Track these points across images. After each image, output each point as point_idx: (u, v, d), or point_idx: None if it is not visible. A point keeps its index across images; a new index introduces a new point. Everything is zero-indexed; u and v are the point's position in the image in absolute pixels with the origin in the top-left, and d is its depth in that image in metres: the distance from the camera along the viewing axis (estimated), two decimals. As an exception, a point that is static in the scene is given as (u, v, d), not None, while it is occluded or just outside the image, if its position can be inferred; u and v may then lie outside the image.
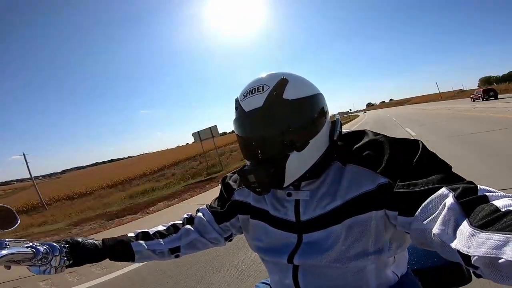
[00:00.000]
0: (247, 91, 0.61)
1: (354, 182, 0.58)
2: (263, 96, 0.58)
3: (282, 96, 0.58)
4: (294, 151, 0.58)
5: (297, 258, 0.61)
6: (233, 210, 0.78)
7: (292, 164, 0.58)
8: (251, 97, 0.59)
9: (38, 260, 0.58)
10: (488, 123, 8.76)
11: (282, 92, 0.58)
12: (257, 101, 0.58)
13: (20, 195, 32.97)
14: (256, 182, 0.59)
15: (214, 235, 0.80)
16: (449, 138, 7.25)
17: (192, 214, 0.84)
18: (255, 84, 0.61)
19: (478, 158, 4.63)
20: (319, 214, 0.60)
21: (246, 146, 0.63)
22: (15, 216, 0.69)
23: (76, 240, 0.66)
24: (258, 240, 0.70)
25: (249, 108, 0.59)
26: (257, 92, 0.59)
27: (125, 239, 0.74)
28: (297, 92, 0.59)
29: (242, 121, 0.62)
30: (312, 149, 0.59)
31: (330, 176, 0.62)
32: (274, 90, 0.58)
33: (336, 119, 0.66)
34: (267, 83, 0.59)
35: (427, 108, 32.98)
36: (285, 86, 0.58)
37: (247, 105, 0.60)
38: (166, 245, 0.77)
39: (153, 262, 2.73)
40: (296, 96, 0.58)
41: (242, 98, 0.61)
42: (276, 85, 0.59)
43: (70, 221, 8.11)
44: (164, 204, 7.18)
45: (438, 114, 18.06)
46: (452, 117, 13.89)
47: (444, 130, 9.38)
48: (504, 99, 22.88)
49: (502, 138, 5.94)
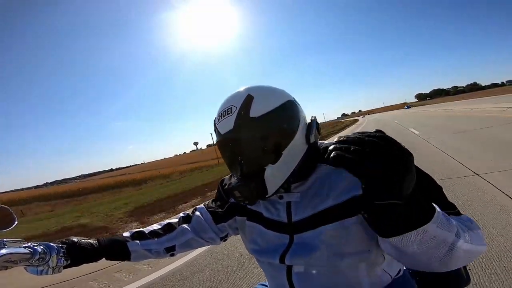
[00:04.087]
0: (220, 113, 0.63)
1: (344, 185, 0.59)
2: (232, 119, 0.60)
3: (248, 115, 0.59)
4: (269, 164, 0.60)
5: (288, 258, 0.63)
6: (231, 212, 0.79)
7: (270, 176, 0.60)
8: (223, 120, 0.62)
9: (36, 261, 0.58)
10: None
11: (249, 111, 0.59)
12: (228, 124, 0.61)
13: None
14: (241, 197, 0.62)
15: (210, 234, 0.81)
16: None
17: (189, 213, 0.84)
18: (225, 105, 0.63)
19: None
20: (310, 214, 0.62)
21: (228, 164, 0.67)
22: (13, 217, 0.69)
23: (72, 240, 0.66)
24: (253, 243, 0.72)
25: (223, 131, 0.62)
26: (227, 114, 0.61)
27: (121, 239, 0.74)
28: (262, 107, 0.60)
29: (220, 143, 0.66)
30: (287, 157, 0.61)
31: (320, 178, 0.63)
32: (241, 110, 0.60)
33: (312, 120, 0.67)
34: (235, 104, 0.61)
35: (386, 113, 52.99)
36: (250, 104, 0.60)
37: (221, 128, 0.62)
38: (162, 245, 0.78)
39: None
40: (262, 112, 0.60)
41: (217, 121, 0.64)
42: (242, 104, 0.60)
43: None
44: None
45: (392, 114, 41.69)
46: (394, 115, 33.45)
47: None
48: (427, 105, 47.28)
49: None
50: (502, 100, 18.42)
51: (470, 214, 2.55)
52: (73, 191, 23.57)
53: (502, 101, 16.11)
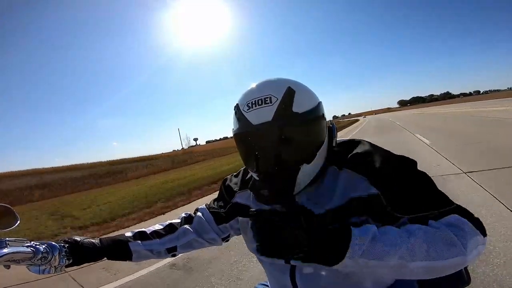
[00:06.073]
0: (252, 102, 0.57)
1: (349, 186, 0.59)
2: (272, 109, 0.55)
3: (291, 109, 0.56)
4: (305, 163, 0.57)
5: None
6: (233, 212, 0.79)
7: (302, 176, 0.58)
8: (258, 109, 0.56)
9: (38, 260, 0.58)
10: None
11: (291, 105, 0.56)
12: (266, 114, 0.55)
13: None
14: (269, 195, 0.59)
15: (212, 235, 0.80)
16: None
17: (191, 214, 0.84)
18: (261, 94, 0.57)
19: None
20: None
21: (252, 159, 0.60)
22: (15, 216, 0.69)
23: (74, 240, 0.66)
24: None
25: (257, 122, 0.56)
26: (264, 104, 0.56)
27: (123, 239, 0.74)
28: (304, 103, 0.58)
29: (246, 135, 0.60)
30: (318, 158, 0.60)
31: (327, 179, 0.63)
32: (283, 103, 0.56)
33: (332, 125, 0.66)
34: (275, 94, 0.56)
35: (374, 116, 66.97)
36: (293, 98, 0.56)
37: (254, 118, 0.57)
38: (163, 245, 0.78)
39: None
40: (304, 109, 0.57)
41: (247, 109, 0.58)
42: (284, 96, 0.56)
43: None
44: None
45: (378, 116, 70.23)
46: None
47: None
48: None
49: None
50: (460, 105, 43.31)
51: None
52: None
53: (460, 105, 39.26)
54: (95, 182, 17.77)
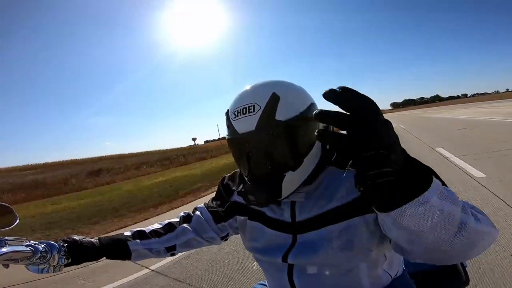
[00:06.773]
0: (238, 110, 0.58)
1: (349, 186, 0.59)
2: (255, 118, 0.56)
3: (274, 118, 0.55)
4: (290, 171, 0.58)
5: (291, 257, 0.63)
6: (231, 211, 0.79)
7: (288, 182, 0.58)
8: (242, 118, 0.57)
9: (37, 259, 0.58)
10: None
11: (274, 113, 0.55)
12: (249, 123, 0.56)
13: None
14: (255, 200, 0.60)
15: (211, 234, 0.81)
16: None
17: (190, 213, 0.85)
18: (245, 101, 0.58)
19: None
20: (314, 215, 0.62)
21: (240, 164, 0.64)
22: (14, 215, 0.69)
23: (73, 239, 0.66)
24: (254, 241, 0.72)
25: (242, 131, 0.58)
26: (248, 112, 0.56)
27: (122, 238, 0.74)
28: (289, 110, 0.56)
29: (234, 142, 0.62)
30: (306, 165, 0.59)
31: (326, 179, 0.63)
32: (266, 112, 0.55)
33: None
34: (258, 102, 0.56)
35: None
36: (276, 105, 0.56)
37: (239, 126, 0.58)
38: (162, 244, 0.78)
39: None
40: (289, 116, 0.56)
41: (234, 118, 0.59)
42: (267, 104, 0.56)
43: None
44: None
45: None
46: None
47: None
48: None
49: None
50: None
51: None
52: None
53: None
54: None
